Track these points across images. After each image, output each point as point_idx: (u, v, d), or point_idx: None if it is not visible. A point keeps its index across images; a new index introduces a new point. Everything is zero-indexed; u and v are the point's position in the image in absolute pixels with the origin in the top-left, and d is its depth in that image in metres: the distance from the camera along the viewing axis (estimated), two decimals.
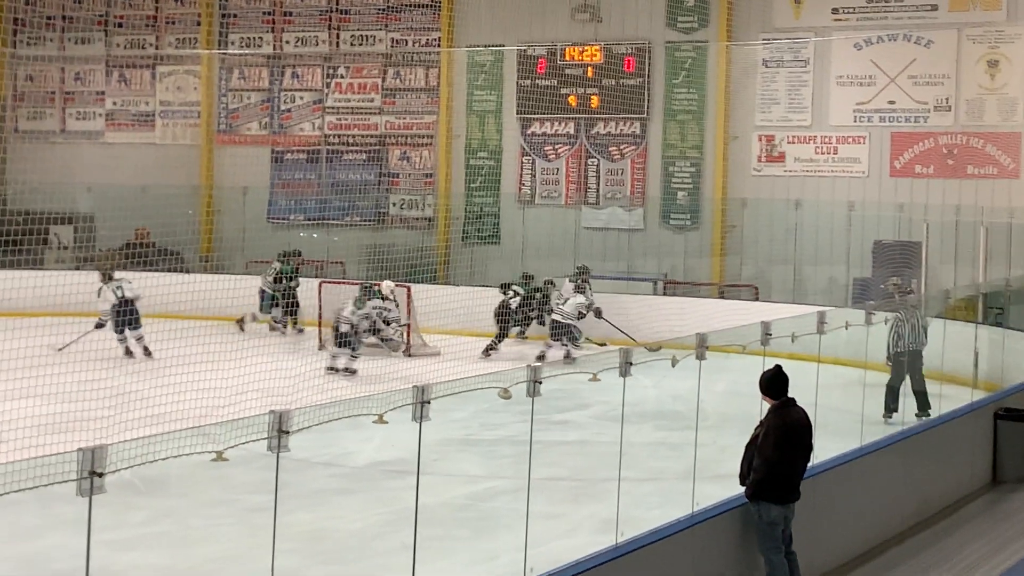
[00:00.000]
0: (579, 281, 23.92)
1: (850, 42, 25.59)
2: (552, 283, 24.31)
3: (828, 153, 25.88)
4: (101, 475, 6.56)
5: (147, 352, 21.64)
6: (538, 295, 23.86)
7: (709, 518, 9.90)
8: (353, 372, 20.61)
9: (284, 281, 25.36)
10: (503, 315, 23.28)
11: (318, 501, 12.66)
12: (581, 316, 22.52)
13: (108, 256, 27.22)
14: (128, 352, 21.76)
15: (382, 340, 23.08)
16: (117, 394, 16.77)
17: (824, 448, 11.46)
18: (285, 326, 25.26)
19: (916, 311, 17.25)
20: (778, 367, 10.21)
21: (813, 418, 10.30)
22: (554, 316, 22.65)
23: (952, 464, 14.71)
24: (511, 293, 23.72)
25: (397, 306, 22.98)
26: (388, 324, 23.00)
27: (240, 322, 24.86)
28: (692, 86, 27.04)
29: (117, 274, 22.25)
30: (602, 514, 10.04)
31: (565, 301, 22.80)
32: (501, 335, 23.16)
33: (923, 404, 16.55)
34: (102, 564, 10.01)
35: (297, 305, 24.92)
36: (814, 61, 26.01)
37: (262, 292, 25.13)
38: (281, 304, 25.20)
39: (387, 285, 23.19)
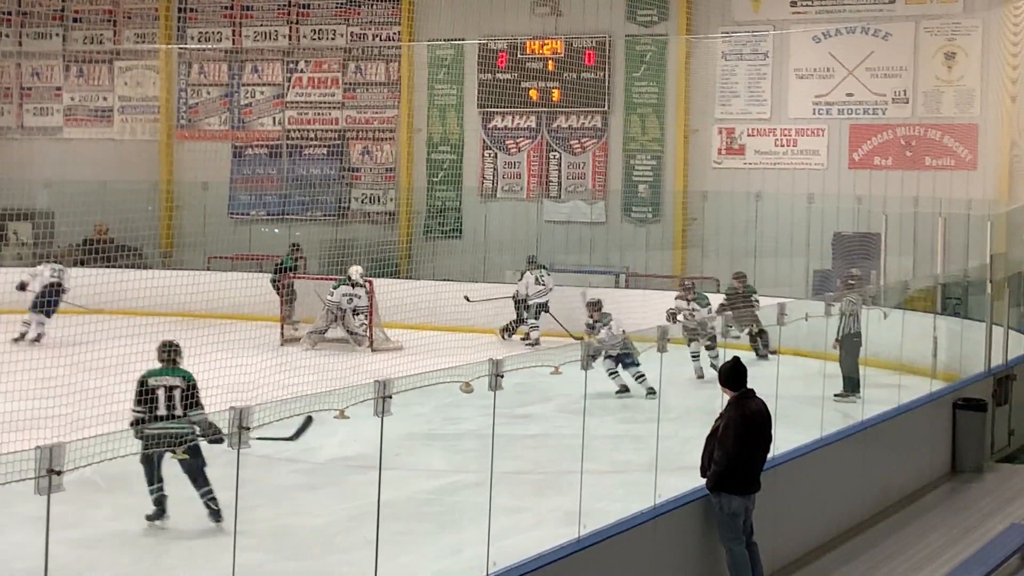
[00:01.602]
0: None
1: (809, 35, 25.71)
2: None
3: (788, 145, 25.99)
4: (60, 473, 6.53)
5: None
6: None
7: (671, 510, 9.95)
8: None
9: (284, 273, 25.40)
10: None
11: (281, 497, 12.64)
12: None
13: (68, 252, 27.09)
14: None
15: (349, 333, 23.06)
16: (76, 391, 16.65)
17: (784, 439, 11.53)
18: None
19: (857, 301, 17.53)
20: (736, 359, 10.28)
21: (773, 409, 10.37)
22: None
23: (911, 454, 14.82)
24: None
25: (367, 294, 22.99)
26: (357, 314, 22.98)
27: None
28: (652, 79, 27.10)
29: None
30: (565, 507, 10.09)
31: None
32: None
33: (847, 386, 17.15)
34: (64, 562, 9.98)
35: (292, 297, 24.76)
36: (773, 54, 26.12)
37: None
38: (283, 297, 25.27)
39: (355, 270, 23.15)
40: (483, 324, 24.08)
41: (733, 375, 10.16)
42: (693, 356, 19.29)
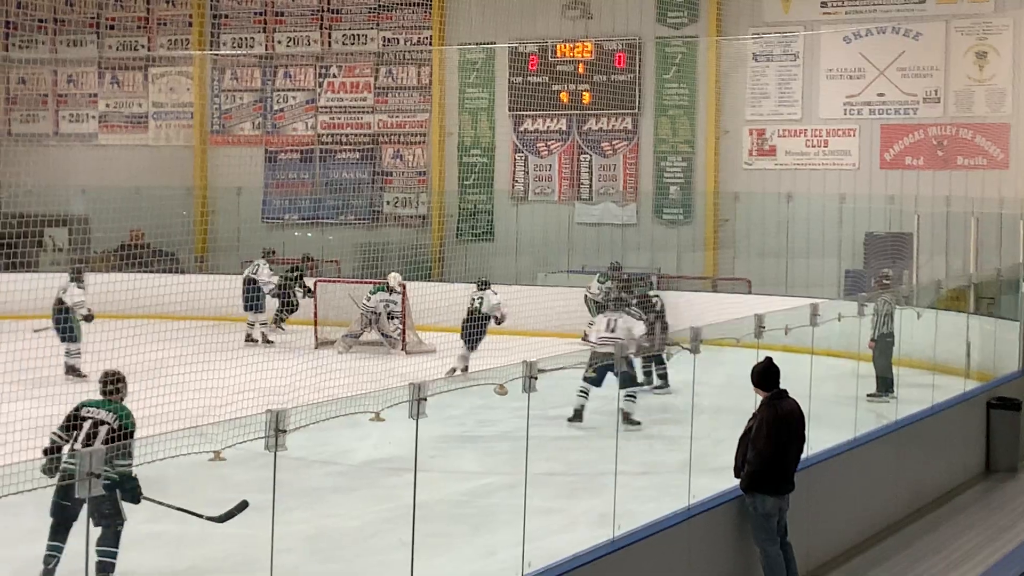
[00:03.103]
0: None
1: (839, 35, 25.67)
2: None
3: (819, 146, 25.96)
4: (98, 476, 6.62)
5: None
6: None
7: (705, 510, 9.98)
8: None
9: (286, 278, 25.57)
10: None
11: (316, 499, 12.71)
12: None
13: (103, 258, 27.25)
14: None
15: (383, 336, 23.17)
16: None
17: (818, 439, 11.55)
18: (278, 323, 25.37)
19: (891, 300, 17.54)
20: (769, 359, 10.29)
21: (807, 410, 10.38)
22: None
23: (945, 454, 14.80)
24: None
25: (401, 298, 23.14)
26: (391, 318, 23.11)
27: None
28: (683, 81, 27.11)
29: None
30: (599, 508, 10.11)
31: None
32: None
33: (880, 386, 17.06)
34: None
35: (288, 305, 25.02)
36: (804, 55, 26.09)
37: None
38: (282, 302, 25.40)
39: (394, 277, 23.29)
40: (517, 326, 24.11)
41: (766, 375, 10.17)
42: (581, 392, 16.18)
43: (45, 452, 9.38)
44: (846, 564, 11.60)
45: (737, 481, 10.09)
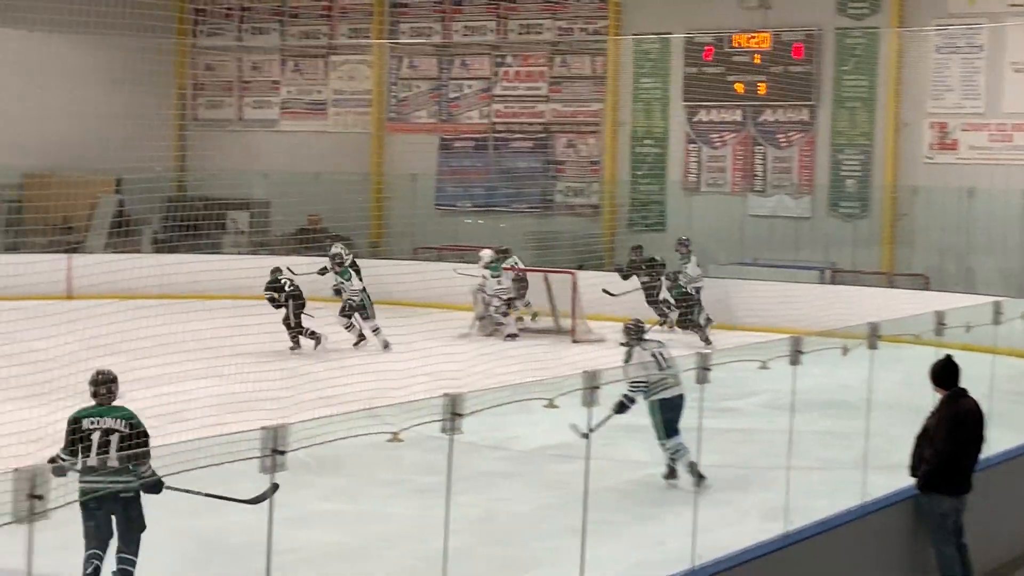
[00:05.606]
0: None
1: None
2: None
3: (1003, 141, 25.28)
4: (283, 453, 6.80)
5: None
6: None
7: (880, 508, 9.84)
8: None
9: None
10: None
11: (486, 483, 12.85)
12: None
13: (282, 241, 27.89)
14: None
15: (494, 324, 23.25)
16: (292, 375, 17.20)
17: (998, 440, 11.29)
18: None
19: None
20: (948, 357, 10.10)
21: (988, 410, 10.16)
22: None
23: None
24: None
25: (500, 278, 23.08)
26: (496, 301, 23.11)
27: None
28: (862, 73, 26.63)
29: None
30: (770, 502, 10.05)
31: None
32: None
33: None
34: (276, 540, 10.31)
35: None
36: (989, 47, 25.41)
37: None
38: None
39: (485, 254, 23.37)
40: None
41: (945, 373, 9.99)
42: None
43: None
44: (1022, 568, 11.33)
45: (913, 480, 9.93)
